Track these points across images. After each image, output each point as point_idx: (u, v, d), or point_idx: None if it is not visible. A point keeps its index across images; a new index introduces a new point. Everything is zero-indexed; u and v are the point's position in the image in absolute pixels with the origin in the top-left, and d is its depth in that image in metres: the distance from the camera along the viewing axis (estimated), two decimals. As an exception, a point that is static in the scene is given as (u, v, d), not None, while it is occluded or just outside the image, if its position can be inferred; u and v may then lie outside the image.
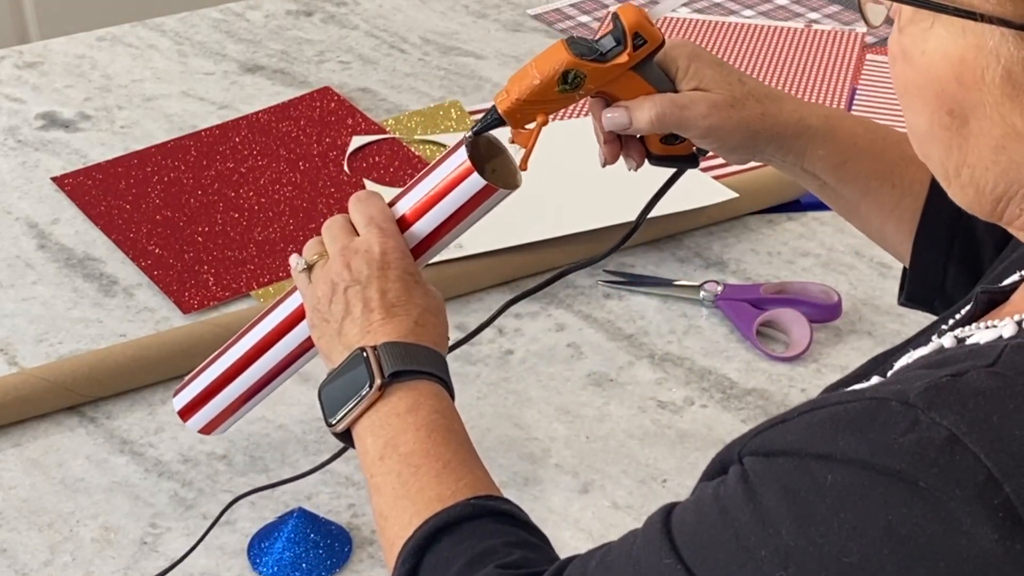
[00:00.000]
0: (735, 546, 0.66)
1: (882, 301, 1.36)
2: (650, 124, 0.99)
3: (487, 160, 1.00)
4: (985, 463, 0.61)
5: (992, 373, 0.64)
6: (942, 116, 0.70)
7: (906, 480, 0.61)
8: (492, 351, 1.30)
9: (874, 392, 0.65)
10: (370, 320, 0.93)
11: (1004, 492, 0.60)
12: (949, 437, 0.61)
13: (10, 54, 1.78)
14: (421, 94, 1.70)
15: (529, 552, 0.81)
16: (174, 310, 1.34)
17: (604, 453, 1.18)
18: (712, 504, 0.69)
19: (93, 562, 1.08)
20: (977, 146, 0.69)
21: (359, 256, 0.95)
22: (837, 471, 0.63)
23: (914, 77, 0.70)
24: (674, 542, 0.69)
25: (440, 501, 0.84)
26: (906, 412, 0.63)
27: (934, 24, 0.68)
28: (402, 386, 0.90)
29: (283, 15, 1.88)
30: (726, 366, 1.28)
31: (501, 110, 0.98)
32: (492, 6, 1.91)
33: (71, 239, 1.44)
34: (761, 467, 0.67)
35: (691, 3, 1.91)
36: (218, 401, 1.09)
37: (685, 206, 1.41)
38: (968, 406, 0.62)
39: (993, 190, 0.70)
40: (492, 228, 1.39)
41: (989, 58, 0.66)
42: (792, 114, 1.02)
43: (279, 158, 1.56)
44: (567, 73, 0.97)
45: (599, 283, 1.38)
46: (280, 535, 1.08)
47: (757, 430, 0.69)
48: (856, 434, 0.63)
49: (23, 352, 1.29)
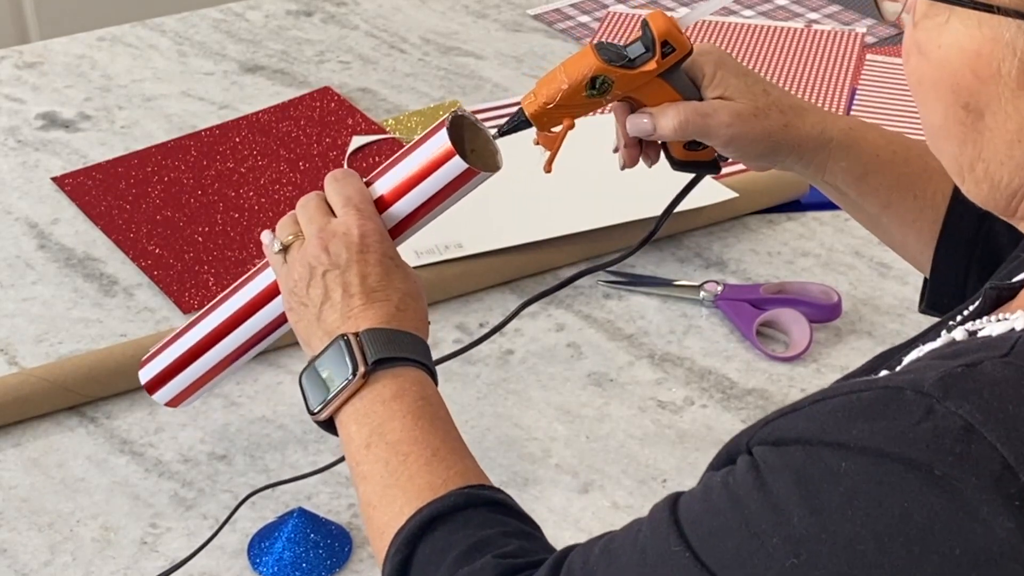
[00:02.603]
0: (746, 533, 0.66)
1: (882, 301, 1.36)
2: (674, 132, 1.00)
3: (467, 141, 1.00)
4: (1001, 452, 0.61)
5: (1006, 363, 0.64)
6: (957, 110, 0.70)
7: (922, 468, 0.61)
8: (492, 351, 1.29)
9: (887, 381, 0.65)
10: (351, 306, 0.92)
11: (1021, 481, 0.60)
12: (965, 426, 0.61)
13: (10, 54, 1.78)
14: (421, 94, 1.70)
15: (526, 542, 0.81)
16: (174, 310, 1.34)
17: (604, 453, 1.18)
18: (721, 492, 0.68)
19: (93, 562, 1.08)
20: (992, 140, 0.69)
21: (337, 239, 0.94)
22: (851, 459, 0.63)
23: (929, 72, 0.70)
24: (682, 530, 0.69)
25: (432, 490, 0.83)
26: (921, 401, 0.63)
27: (950, 18, 0.68)
28: (386, 373, 0.89)
29: (283, 15, 1.88)
30: (726, 366, 1.28)
31: (528, 113, 0.99)
32: (492, 6, 1.91)
33: (71, 239, 1.44)
34: (772, 456, 0.67)
35: (690, 3, 1.91)
36: (186, 375, 1.09)
37: (685, 206, 1.41)
38: (983, 395, 0.62)
39: (1008, 184, 0.70)
40: (492, 228, 1.40)
41: (1006, 51, 0.66)
42: (814, 127, 1.02)
43: (279, 158, 1.56)
44: (595, 79, 0.98)
45: (599, 283, 1.38)
46: (280, 535, 1.08)
47: (767, 419, 0.69)
48: (870, 422, 0.63)
49: (23, 352, 1.29)
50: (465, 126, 0.99)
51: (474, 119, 0.99)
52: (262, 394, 1.25)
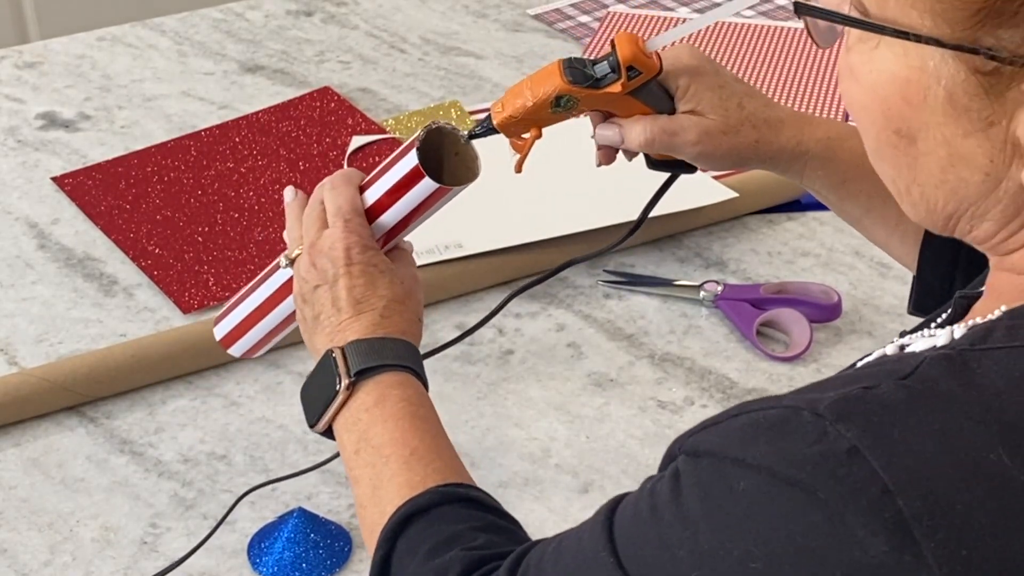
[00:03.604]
0: (659, 544, 0.67)
1: (882, 301, 1.36)
2: (640, 147, 1.02)
3: (448, 147, 1.01)
4: (882, 476, 0.61)
5: (902, 386, 0.64)
6: (890, 135, 0.69)
7: (807, 490, 0.62)
8: (492, 351, 1.30)
9: (791, 400, 0.65)
10: (339, 320, 0.96)
11: (897, 505, 0.61)
12: (850, 449, 0.62)
13: (10, 54, 1.78)
14: (421, 94, 1.70)
15: (495, 535, 0.83)
16: (174, 310, 1.34)
17: (604, 453, 1.18)
18: (647, 500, 0.70)
19: (93, 562, 1.08)
20: (926, 165, 0.69)
21: (323, 255, 0.97)
22: (749, 478, 0.64)
23: (861, 96, 0.70)
24: (612, 535, 0.71)
25: (410, 487, 0.86)
26: (816, 423, 0.63)
27: (880, 44, 0.67)
28: (368, 381, 0.93)
29: (283, 15, 1.88)
30: (726, 366, 1.28)
31: (495, 122, 1.00)
32: (492, 6, 1.91)
33: (71, 239, 1.44)
34: (689, 467, 0.68)
35: (691, 3, 1.91)
36: (256, 331, 1.09)
37: (685, 206, 1.41)
38: (873, 419, 0.63)
39: (944, 208, 0.70)
40: (492, 228, 1.40)
41: (931, 79, 0.66)
42: (789, 140, 1.02)
43: (279, 158, 1.56)
44: (560, 97, 0.98)
45: (599, 283, 1.38)
46: (280, 535, 1.08)
47: (694, 430, 0.70)
48: (769, 442, 0.64)
49: (23, 352, 1.29)
50: (444, 134, 1.00)
51: (452, 127, 1.00)
52: (262, 394, 1.25)
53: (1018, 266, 0.71)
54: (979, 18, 0.62)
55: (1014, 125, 0.64)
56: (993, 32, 0.62)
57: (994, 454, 0.62)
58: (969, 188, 0.68)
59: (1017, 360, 0.64)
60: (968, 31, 0.63)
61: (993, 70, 0.63)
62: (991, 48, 0.62)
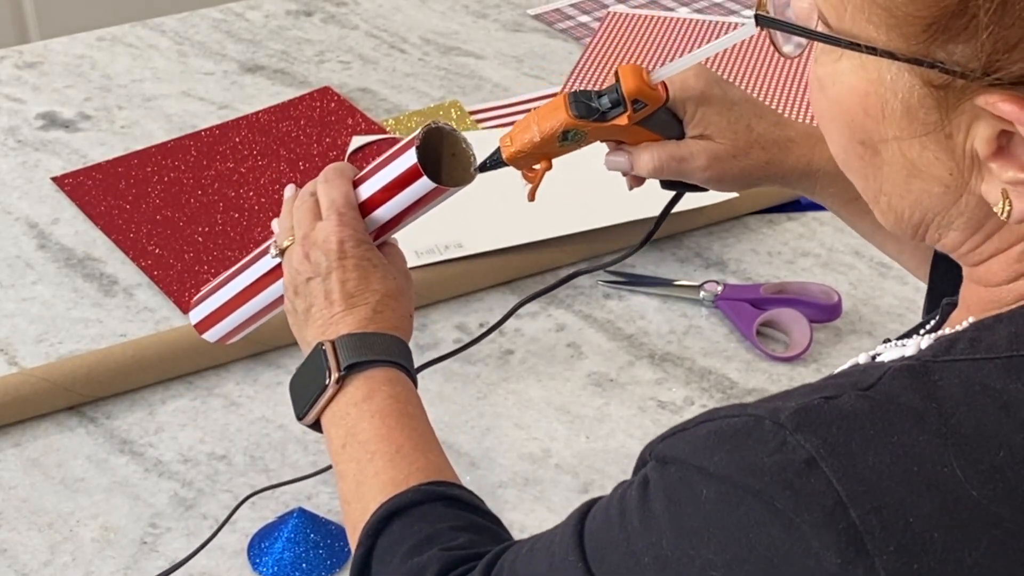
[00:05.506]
0: (626, 550, 0.68)
1: (882, 301, 1.36)
2: (650, 173, 1.01)
3: (447, 147, 1.01)
4: (836, 488, 0.61)
5: (863, 396, 0.64)
6: (855, 146, 0.70)
7: (764, 500, 0.62)
8: (492, 351, 1.30)
9: (755, 408, 0.66)
10: (331, 313, 0.95)
11: (851, 517, 0.61)
12: (808, 460, 0.62)
13: (10, 54, 1.78)
14: (421, 94, 1.70)
15: (475, 535, 0.83)
16: (174, 310, 1.34)
17: (604, 453, 1.18)
18: (617, 505, 0.70)
19: (93, 562, 1.08)
20: (890, 176, 0.69)
21: (316, 248, 0.97)
22: (711, 486, 0.64)
23: (827, 107, 0.70)
24: (582, 540, 0.72)
25: (394, 485, 0.87)
26: (776, 432, 0.63)
27: (842, 56, 0.68)
28: (358, 376, 0.93)
29: (283, 15, 1.88)
30: (726, 366, 1.28)
31: (504, 156, 1.00)
32: (492, 6, 1.91)
33: (71, 239, 1.44)
34: (656, 474, 0.68)
35: (690, 3, 1.91)
36: (235, 317, 1.09)
37: (685, 206, 1.41)
38: (831, 430, 0.63)
39: (911, 217, 0.70)
40: (492, 228, 1.40)
41: (888, 92, 0.66)
42: (799, 159, 1.02)
43: (279, 158, 1.56)
44: (567, 131, 0.98)
45: (599, 283, 1.38)
46: (280, 535, 1.08)
47: (664, 435, 0.70)
48: (731, 451, 0.64)
49: (23, 352, 1.29)
50: (444, 134, 1.00)
51: (451, 128, 1.00)
52: (262, 394, 1.25)
53: (984, 278, 0.72)
54: (931, 32, 0.62)
55: (971, 138, 0.64)
56: (944, 47, 0.62)
57: (948, 468, 0.61)
58: (932, 199, 0.68)
59: (976, 372, 0.64)
60: (921, 45, 0.63)
61: (946, 83, 0.63)
62: (943, 62, 0.63)
